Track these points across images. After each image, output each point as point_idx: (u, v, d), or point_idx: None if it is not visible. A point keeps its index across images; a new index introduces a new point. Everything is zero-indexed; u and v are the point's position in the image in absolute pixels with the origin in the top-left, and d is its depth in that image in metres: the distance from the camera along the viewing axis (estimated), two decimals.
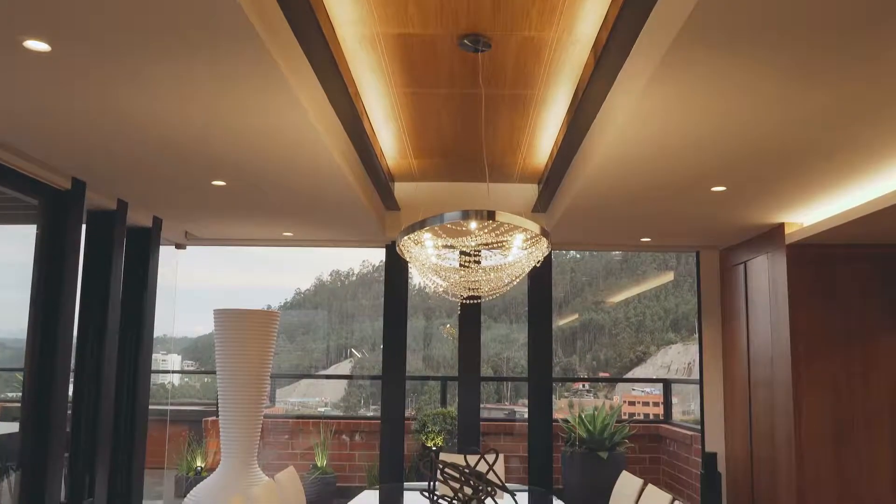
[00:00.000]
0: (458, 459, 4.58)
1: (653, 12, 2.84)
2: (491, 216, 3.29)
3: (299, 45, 3.25)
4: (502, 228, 3.53)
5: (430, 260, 3.91)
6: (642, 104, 3.27)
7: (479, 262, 4.08)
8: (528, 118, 4.72)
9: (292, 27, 3.08)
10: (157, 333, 6.59)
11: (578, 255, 13.47)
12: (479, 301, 4.31)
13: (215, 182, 4.83)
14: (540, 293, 6.93)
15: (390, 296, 6.94)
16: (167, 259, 6.78)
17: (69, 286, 4.85)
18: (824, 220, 5.02)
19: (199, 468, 7.28)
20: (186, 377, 11.75)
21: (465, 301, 4.25)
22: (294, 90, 3.24)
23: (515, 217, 3.34)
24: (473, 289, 4.04)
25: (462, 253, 4.02)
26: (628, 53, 3.25)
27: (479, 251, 4.03)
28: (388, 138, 5.21)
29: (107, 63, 2.93)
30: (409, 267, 4.08)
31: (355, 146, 4.72)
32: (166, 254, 6.75)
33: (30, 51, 2.79)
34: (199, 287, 10.04)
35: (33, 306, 4.71)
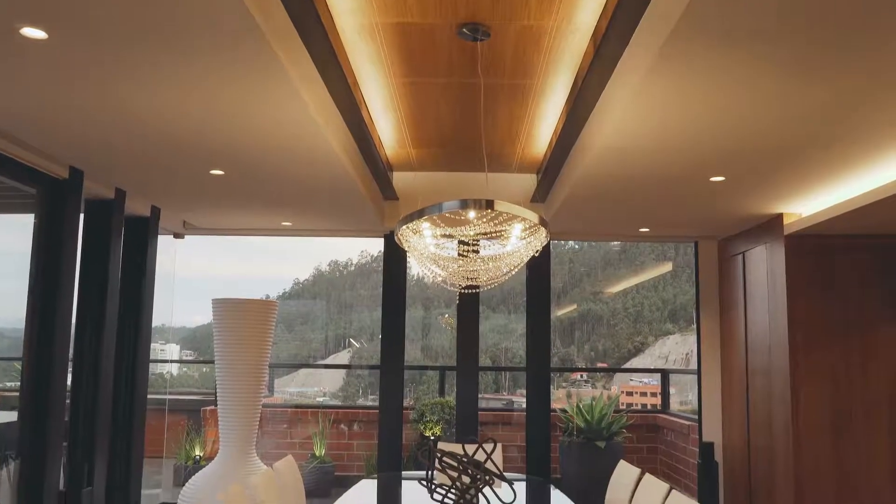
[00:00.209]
0: (457, 449, 4.60)
1: (652, 1, 2.83)
2: (490, 205, 3.29)
3: (298, 36, 3.24)
4: (501, 218, 3.53)
5: (429, 249, 3.91)
6: (641, 95, 3.26)
7: (478, 252, 4.08)
8: (527, 108, 4.71)
9: (291, 17, 3.07)
10: (156, 323, 6.59)
11: (577, 246, 13.47)
12: (478, 291, 4.32)
13: (213, 171, 4.82)
14: (538, 283, 6.94)
15: (389, 286, 6.94)
16: (165, 248, 6.77)
17: (67, 275, 4.85)
18: (823, 211, 5.02)
19: (198, 457, 7.30)
20: (185, 367, 11.75)
21: (464, 291, 4.25)
22: (294, 82, 3.23)
23: (514, 206, 3.34)
24: (472, 278, 4.04)
25: (460, 242, 4.02)
26: (627, 43, 3.24)
27: (478, 241, 4.03)
28: (387, 128, 5.20)
29: (104, 52, 2.92)
30: (408, 257, 4.08)
31: (354, 136, 4.71)
32: (164, 243, 6.74)
33: (27, 38, 2.78)
34: (198, 277, 10.03)
35: (31, 295, 4.70)
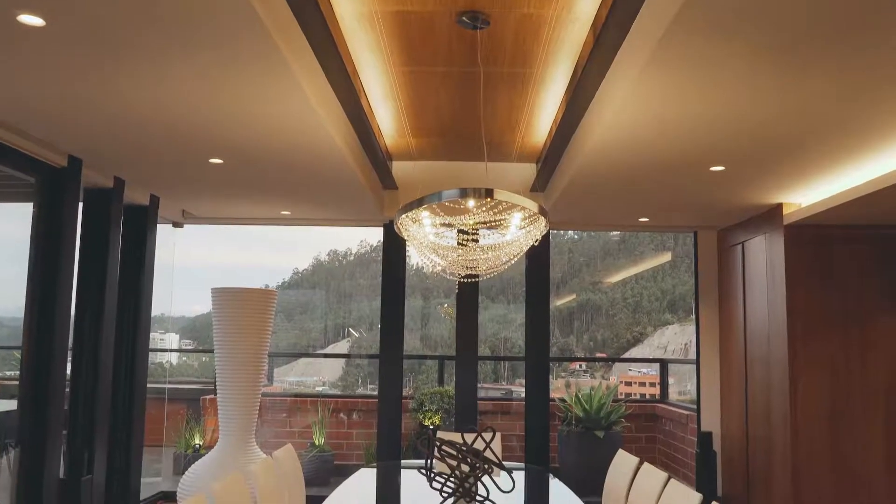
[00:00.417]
0: (456, 437, 4.61)
1: None
2: (489, 194, 3.28)
3: (297, 25, 3.23)
4: (500, 207, 3.52)
5: (428, 238, 3.91)
6: (640, 85, 3.25)
7: (477, 241, 4.07)
8: (527, 97, 4.70)
9: (290, 6, 3.05)
10: (155, 312, 6.59)
11: (576, 236, 13.46)
12: (477, 280, 4.32)
13: (212, 160, 4.81)
14: (538, 273, 6.94)
15: (388, 275, 6.94)
16: (165, 238, 6.77)
17: (66, 264, 4.85)
18: (822, 201, 5.02)
19: (198, 446, 7.32)
20: (184, 356, 11.76)
21: (463, 280, 4.25)
22: (293, 71, 3.22)
23: (513, 195, 3.34)
24: (471, 267, 4.04)
25: (460, 231, 4.01)
26: (627, 33, 3.23)
27: (477, 230, 4.02)
28: (386, 117, 5.19)
29: (103, 41, 2.91)
30: (407, 246, 4.08)
31: (353, 125, 4.70)
32: (164, 232, 6.74)
33: (24, 25, 2.77)
34: (197, 266, 10.01)
35: (30, 284, 4.70)
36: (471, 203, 3.47)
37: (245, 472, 3.61)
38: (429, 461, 3.80)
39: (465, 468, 3.69)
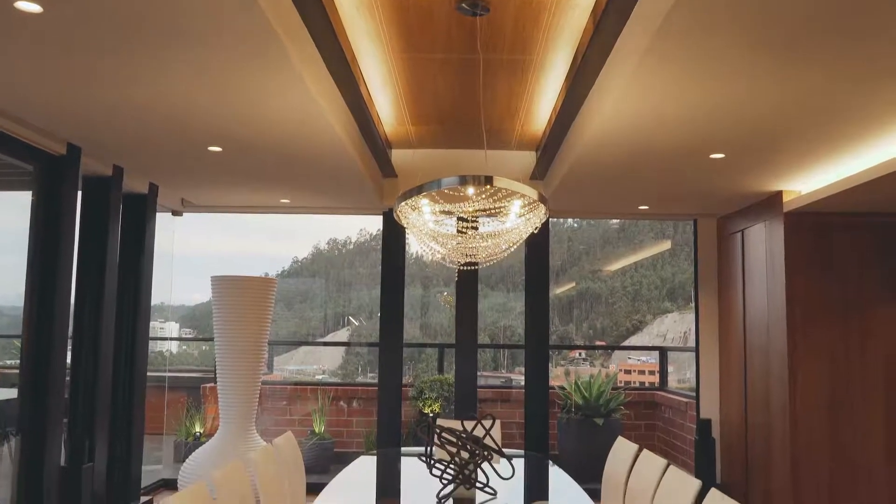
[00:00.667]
0: (455, 425, 4.62)
1: None
2: (489, 181, 3.28)
3: (297, 12, 3.21)
4: (500, 194, 3.52)
5: (428, 226, 3.90)
6: (640, 72, 3.24)
7: (477, 229, 4.07)
8: (527, 84, 4.68)
9: None
10: (155, 301, 6.59)
11: (576, 224, 13.46)
12: (477, 268, 4.32)
13: (211, 148, 4.80)
14: (537, 262, 6.94)
15: (387, 263, 6.94)
16: (164, 226, 6.76)
17: (66, 252, 4.85)
18: (822, 188, 5.01)
19: (198, 434, 7.34)
20: (184, 345, 11.79)
21: (463, 268, 4.25)
22: (292, 59, 3.20)
23: (513, 182, 3.33)
24: (471, 255, 4.04)
25: (459, 219, 4.01)
26: (627, 19, 3.21)
27: (477, 217, 4.02)
28: (386, 105, 5.18)
29: (100, 29, 2.90)
30: (407, 234, 4.08)
31: (353, 113, 4.69)
32: (163, 221, 6.73)
33: (21, 12, 2.75)
34: (196, 255, 10.02)
35: (30, 273, 4.70)
36: (470, 190, 3.47)
37: (245, 460, 3.62)
38: (429, 448, 3.81)
39: (465, 455, 3.70)
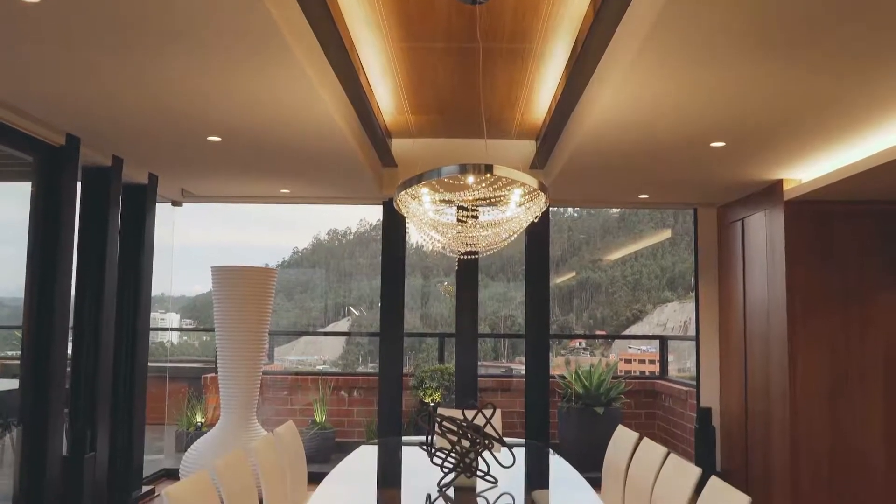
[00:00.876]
0: (456, 414, 4.63)
1: None
2: (489, 170, 3.27)
3: (296, 1, 3.20)
4: (500, 183, 3.51)
5: (428, 215, 3.90)
6: (640, 61, 3.23)
7: (477, 218, 4.07)
8: (527, 73, 4.67)
9: None
10: (156, 292, 6.60)
11: (576, 214, 13.46)
12: (477, 257, 4.32)
13: (211, 138, 4.79)
14: (537, 251, 6.94)
15: (388, 254, 6.94)
16: (164, 217, 6.76)
17: (66, 243, 4.85)
18: (823, 176, 5.00)
19: (199, 424, 7.36)
20: (185, 335, 11.80)
21: (463, 257, 4.25)
22: (292, 48, 3.19)
23: (513, 171, 3.32)
24: (471, 244, 4.03)
25: (460, 208, 4.00)
26: (627, 6, 3.20)
27: (477, 206, 4.02)
28: (385, 94, 5.17)
29: (98, 18, 2.89)
30: (407, 224, 4.07)
31: (352, 102, 4.68)
32: (163, 211, 6.73)
33: (21, 1, 2.74)
34: (197, 246, 10.01)
35: (30, 263, 4.71)
36: (470, 179, 3.46)
37: (247, 449, 3.64)
38: (430, 437, 3.82)
39: (466, 444, 3.71)
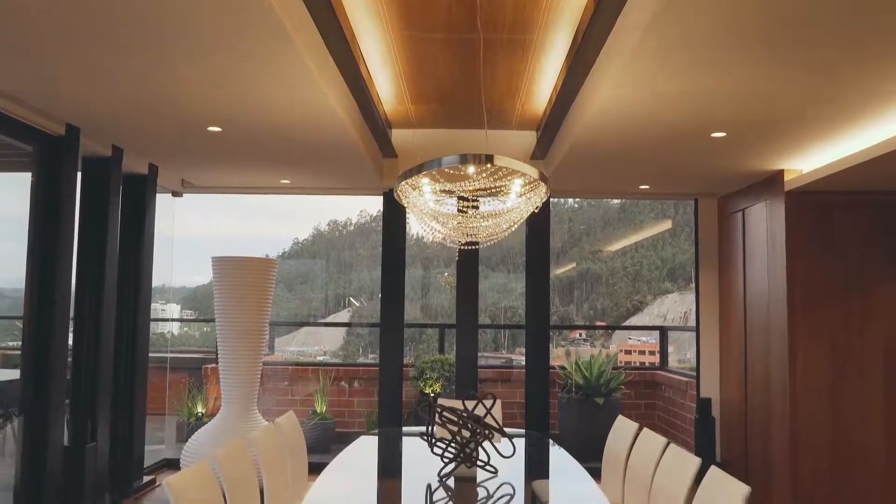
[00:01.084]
0: (456, 404, 4.64)
1: None
2: (489, 160, 3.27)
3: None
4: (500, 173, 3.51)
5: (428, 206, 3.90)
6: (640, 52, 3.21)
7: (478, 208, 4.06)
8: (527, 63, 4.66)
9: None
10: (156, 283, 6.60)
11: (576, 205, 13.45)
12: (477, 247, 4.31)
13: (211, 128, 4.79)
14: (538, 242, 6.93)
15: (388, 244, 6.94)
16: (164, 208, 6.75)
17: (66, 233, 4.85)
18: (824, 167, 4.99)
19: (200, 414, 7.37)
20: (185, 326, 11.81)
21: (463, 247, 4.25)
22: (295, 42, 3.18)
23: (513, 161, 3.32)
24: (471, 235, 4.03)
25: (460, 198, 4.00)
26: None
27: (478, 197, 4.01)
28: (386, 84, 5.15)
29: (97, 9, 2.87)
30: (407, 214, 4.07)
31: (352, 92, 4.67)
32: (163, 202, 6.73)
33: None
34: (197, 237, 10.01)
35: (31, 254, 4.71)
36: (471, 169, 3.45)
37: (247, 440, 3.64)
38: (430, 427, 3.83)
39: (466, 434, 3.72)
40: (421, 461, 4.13)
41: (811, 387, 5.46)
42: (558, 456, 4.47)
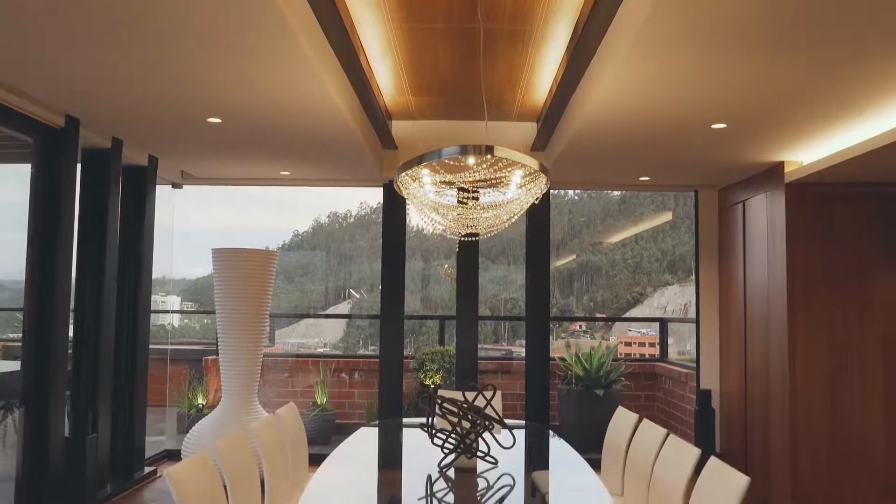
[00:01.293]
0: (457, 396, 4.65)
1: None
2: (489, 151, 3.26)
3: None
4: (501, 164, 3.50)
5: (428, 197, 3.89)
6: (641, 43, 3.21)
7: (478, 199, 4.06)
8: (527, 54, 4.65)
9: None
10: (156, 275, 6.60)
11: (576, 197, 13.44)
12: (478, 239, 4.31)
13: (211, 119, 4.78)
14: (538, 234, 6.93)
15: (388, 236, 6.94)
16: (164, 199, 6.75)
17: (66, 225, 4.84)
18: (824, 158, 4.98)
19: (201, 405, 7.38)
20: (186, 318, 11.83)
21: (464, 239, 4.24)
22: (295, 32, 3.18)
23: (514, 152, 3.31)
24: (472, 226, 4.03)
25: (460, 189, 4.00)
26: None
27: (478, 188, 4.01)
28: (385, 75, 5.14)
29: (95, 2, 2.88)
30: (407, 206, 4.06)
31: (352, 83, 4.66)
32: (163, 194, 6.72)
33: None
34: (197, 229, 10.01)
35: (31, 246, 4.71)
36: (471, 160, 3.45)
37: (248, 431, 3.65)
38: (430, 418, 3.84)
39: (467, 425, 3.73)
40: (421, 452, 4.14)
41: (810, 377, 5.47)
42: (558, 447, 4.48)
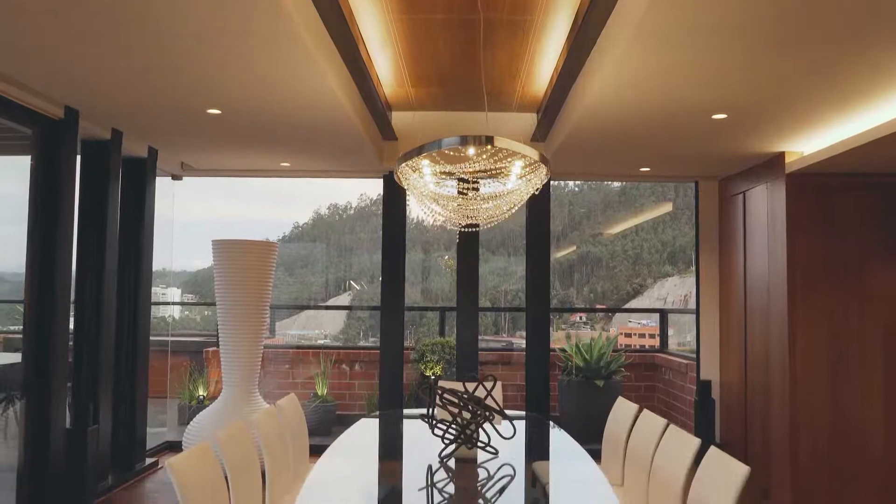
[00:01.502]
0: (457, 386, 4.65)
1: None
2: (489, 141, 3.26)
3: None
4: (501, 155, 3.50)
5: (428, 188, 3.89)
6: (641, 33, 3.19)
7: (478, 190, 4.06)
8: (528, 45, 4.63)
9: None
10: (156, 267, 6.60)
11: (576, 188, 13.42)
12: (478, 230, 4.31)
13: (210, 110, 4.77)
14: (538, 225, 6.93)
15: (388, 228, 6.94)
16: (164, 191, 6.74)
17: (66, 217, 4.84)
18: (825, 149, 4.98)
19: (202, 397, 7.40)
20: (186, 310, 11.83)
21: (464, 229, 4.24)
22: (294, 23, 3.16)
23: (514, 143, 3.31)
24: (472, 217, 4.03)
25: (460, 180, 3.99)
26: None
27: (478, 179, 4.00)
28: (385, 66, 5.13)
29: None
30: (407, 197, 4.06)
31: (352, 74, 4.65)
32: (163, 186, 6.71)
33: None
34: (197, 221, 10.00)
35: (31, 238, 4.70)
36: (471, 151, 3.45)
37: (249, 422, 3.66)
38: (431, 409, 3.84)
39: (467, 416, 3.73)
40: (422, 443, 4.14)
41: (811, 368, 5.47)
42: (558, 437, 4.49)
